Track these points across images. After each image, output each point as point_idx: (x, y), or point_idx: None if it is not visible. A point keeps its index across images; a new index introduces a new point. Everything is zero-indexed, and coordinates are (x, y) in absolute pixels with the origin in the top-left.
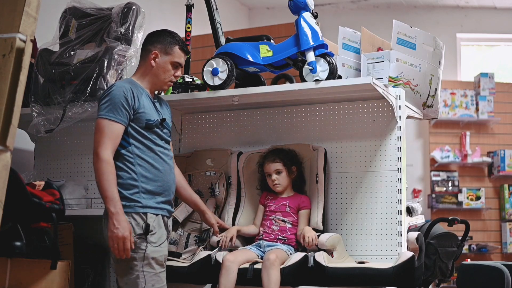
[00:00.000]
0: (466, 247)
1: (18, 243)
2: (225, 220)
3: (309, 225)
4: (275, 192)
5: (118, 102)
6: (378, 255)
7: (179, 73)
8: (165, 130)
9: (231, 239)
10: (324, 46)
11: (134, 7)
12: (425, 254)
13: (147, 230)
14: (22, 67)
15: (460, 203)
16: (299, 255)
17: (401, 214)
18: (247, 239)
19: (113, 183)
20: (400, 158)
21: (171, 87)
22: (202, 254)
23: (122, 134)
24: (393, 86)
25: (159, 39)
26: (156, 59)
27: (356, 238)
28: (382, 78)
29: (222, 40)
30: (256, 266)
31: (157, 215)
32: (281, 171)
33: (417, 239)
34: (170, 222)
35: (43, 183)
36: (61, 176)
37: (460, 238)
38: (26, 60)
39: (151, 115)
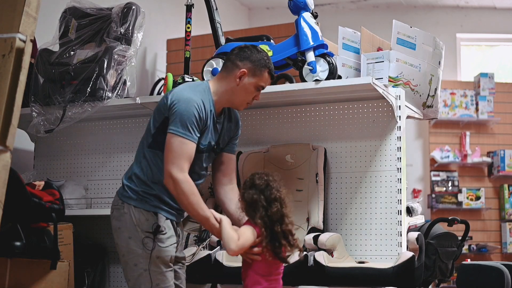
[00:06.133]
0: (466, 247)
1: (18, 243)
2: None
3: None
4: None
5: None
6: (378, 255)
7: (259, 96)
8: (212, 154)
9: None
10: (324, 46)
11: (134, 7)
12: (425, 254)
13: (156, 230)
14: (22, 67)
15: (460, 203)
16: None
17: (401, 214)
18: None
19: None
20: (400, 158)
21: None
22: (202, 254)
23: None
24: (393, 86)
25: (251, 57)
26: (243, 78)
27: (356, 238)
28: (382, 78)
29: (222, 40)
30: None
31: (167, 218)
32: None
33: (417, 239)
34: (180, 228)
35: (43, 183)
36: (61, 176)
37: (460, 238)
38: (26, 60)
39: (205, 139)
